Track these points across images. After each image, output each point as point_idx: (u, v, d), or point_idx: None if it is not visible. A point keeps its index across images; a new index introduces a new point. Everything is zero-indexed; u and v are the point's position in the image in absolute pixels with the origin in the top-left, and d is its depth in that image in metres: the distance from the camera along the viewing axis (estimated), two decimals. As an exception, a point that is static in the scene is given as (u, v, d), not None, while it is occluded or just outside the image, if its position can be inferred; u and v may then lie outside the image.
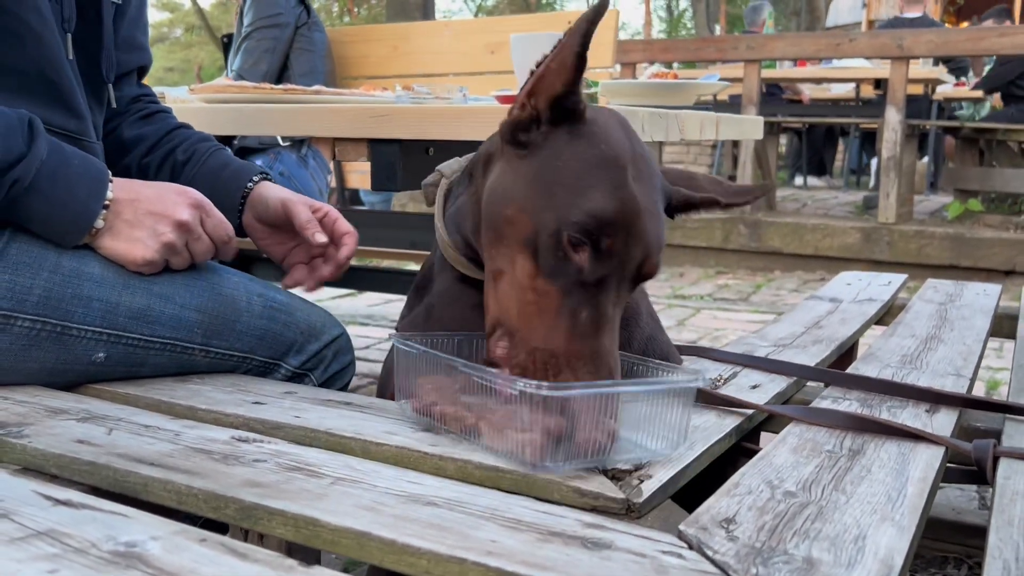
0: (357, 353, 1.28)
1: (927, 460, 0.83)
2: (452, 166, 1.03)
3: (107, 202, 1.02)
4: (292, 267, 1.24)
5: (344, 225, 1.22)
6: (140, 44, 1.35)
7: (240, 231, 1.22)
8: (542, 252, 0.82)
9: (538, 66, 0.84)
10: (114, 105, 1.25)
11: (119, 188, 1.04)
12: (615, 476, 0.77)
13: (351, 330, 1.44)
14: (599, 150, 0.84)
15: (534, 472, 0.75)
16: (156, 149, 1.30)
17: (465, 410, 0.83)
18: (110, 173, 1.04)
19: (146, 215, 1.04)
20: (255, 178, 1.24)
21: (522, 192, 0.85)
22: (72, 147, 1.04)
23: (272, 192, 1.22)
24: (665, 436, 0.82)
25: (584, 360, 0.80)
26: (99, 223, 1.02)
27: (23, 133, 0.97)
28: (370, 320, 3.59)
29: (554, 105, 0.84)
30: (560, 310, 0.81)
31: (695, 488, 0.84)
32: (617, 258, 0.81)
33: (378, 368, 1.15)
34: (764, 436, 1.05)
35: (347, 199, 3.09)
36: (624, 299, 0.85)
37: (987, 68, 7.50)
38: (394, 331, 0.93)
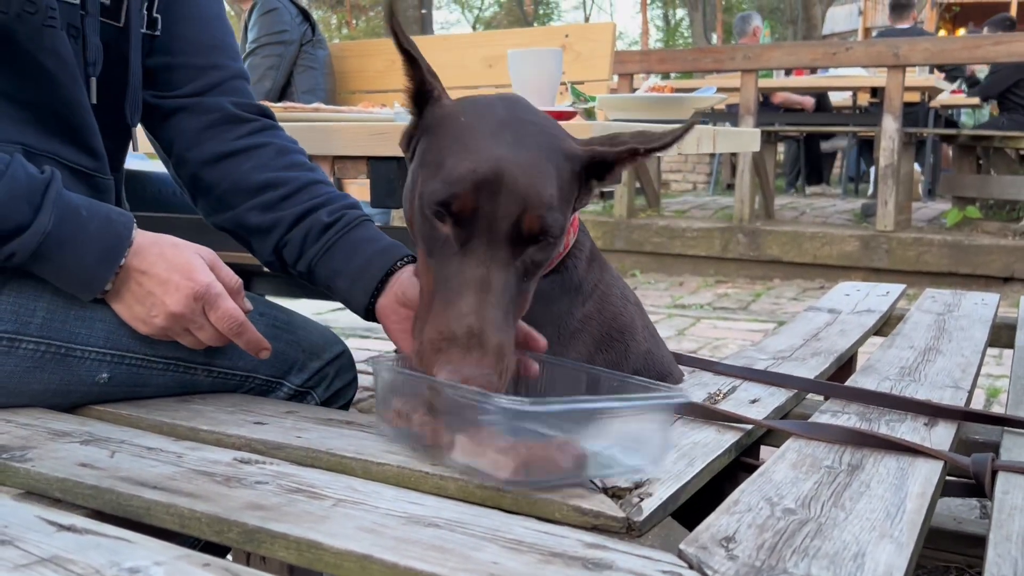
0: (357, 366, 1.28)
1: (926, 475, 0.84)
2: None
3: (119, 269, 0.99)
4: None
5: None
6: (230, 47, 1.25)
7: (369, 314, 1.10)
8: (419, 234, 0.86)
9: None
10: (136, 149, 1.21)
11: (135, 254, 1.00)
12: (615, 494, 0.77)
13: (351, 343, 1.44)
14: (459, 123, 0.86)
15: (506, 491, 0.75)
16: (293, 201, 1.16)
17: (436, 426, 0.83)
18: (132, 233, 1.00)
19: (147, 294, 1.00)
20: (406, 258, 1.10)
21: (407, 191, 0.90)
22: (95, 208, 1.00)
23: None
24: (646, 452, 0.82)
25: (446, 332, 0.79)
26: (108, 286, 1.00)
27: (31, 202, 0.94)
28: (371, 332, 3.60)
29: (414, 100, 0.91)
30: (436, 285, 0.83)
31: (694, 504, 0.85)
32: (482, 218, 0.81)
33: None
34: (764, 450, 1.06)
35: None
36: (507, 260, 0.82)
37: (980, 73, 7.53)
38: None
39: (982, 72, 7.28)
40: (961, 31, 12.73)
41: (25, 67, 1.02)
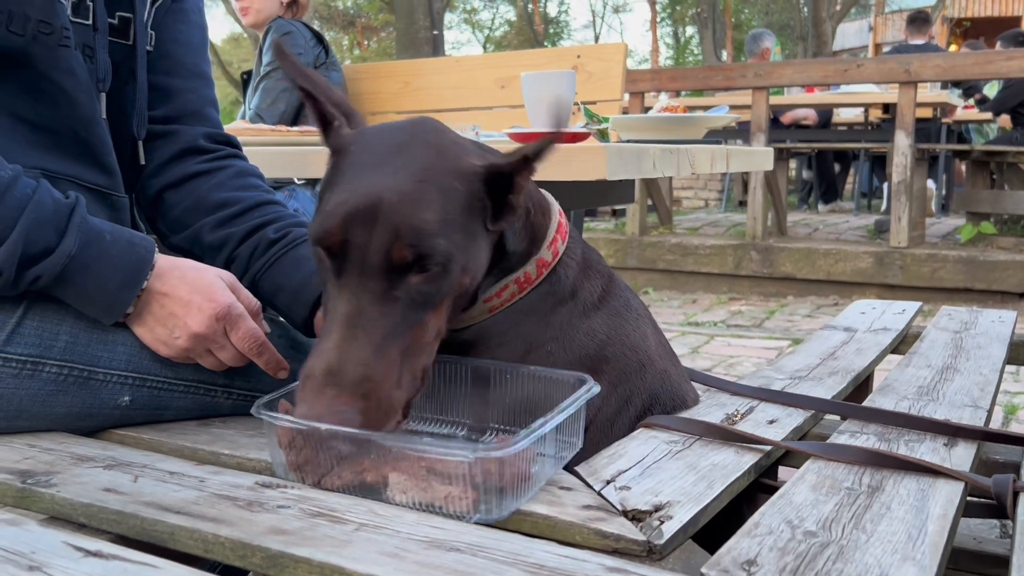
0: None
1: (947, 496, 0.84)
2: None
3: (140, 292, 1.01)
4: None
5: None
6: (204, 73, 1.30)
7: (308, 329, 1.14)
8: (319, 273, 0.87)
9: None
10: (142, 162, 1.23)
11: (157, 277, 1.01)
12: (636, 517, 0.77)
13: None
14: (347, 154, 0.87)
15: (473, 522, 0.76)
16: (245, 219, 1.20)
17: (357, 466, 0.82)
18: (154, 257, 1.02)
19: (169, 316, 1.02)
20: None
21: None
22: (118, 232, 1.01)
23: None
24: (570, 442, 0.87)
25: (306, 370, 0.80)
26: (130, 309, 1.01)
27: (57, 226, 0.96)
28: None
29: (323, 134, 0.92)
30: (324, 315, 0.84)
31: (714, 526, 0.85)
32: (353, 251, 0.81)
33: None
34: (783, 471, 1.06)
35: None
36: (382, 291, 0.81)
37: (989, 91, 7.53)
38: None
39: (991, 90, 7.27)
40: (957, 46, 12.71)
41: (43, 88, 1.05)
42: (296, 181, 2.74)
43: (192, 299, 1.01)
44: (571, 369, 0.96)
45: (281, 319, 1.22)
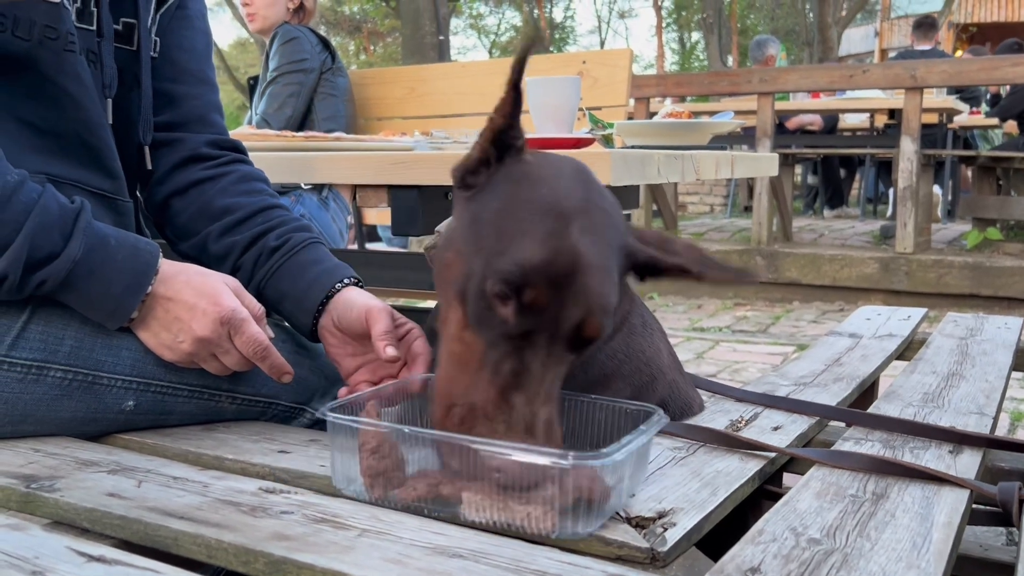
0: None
1: (952, 504, 0.83)
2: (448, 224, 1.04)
3: (145, 297, 1.01)
4: (354, 386, 1.10)
5: (421, 345, 1.07)
6: (209, 79, 1.29)
7: (313, 335, 1.14)
8: (470, 300, 0.80)
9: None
10: (149, 167, 1.23)
11: (161, 282, 1.01)
12: (639, 524, 0.77)
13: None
14: (539, 194, 0.81)
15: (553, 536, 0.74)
16: (247, 225, 1.19)
17: (431, 479, 0.78)
18: (158, 262, 1.02)
19: (174, 320, 1.02)
20: (345, 280, 1.14)
21: (460, 235, 0.85)
22: (123, 237, 1.02)
23: (358, 298, 1.10)
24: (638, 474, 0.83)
25: (499, 413, 0.76)
26: (134, 314, 1.01)
27: (63, 230, 0.96)
28: (389, 358, 3.60)
29: (496, 139, 0.83)
30: (481, 364, 0.78)
31: (718, 533, 0.84)
32: (548, 314, 0.77)
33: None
34: (787, 477, 1.05)
35: (364, 235, 3.12)
36: (561, 362, 0.80)
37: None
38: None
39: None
40: (963, 51, 12.69)
41: (48, 92, 1.05)
42: (303, 186, 2.75)
43: (197, 303, 1.01)
44: (589, 386, 0.95)
45: (285, 324, 1.22)
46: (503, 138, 0.84)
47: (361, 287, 1.16)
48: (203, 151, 1.25)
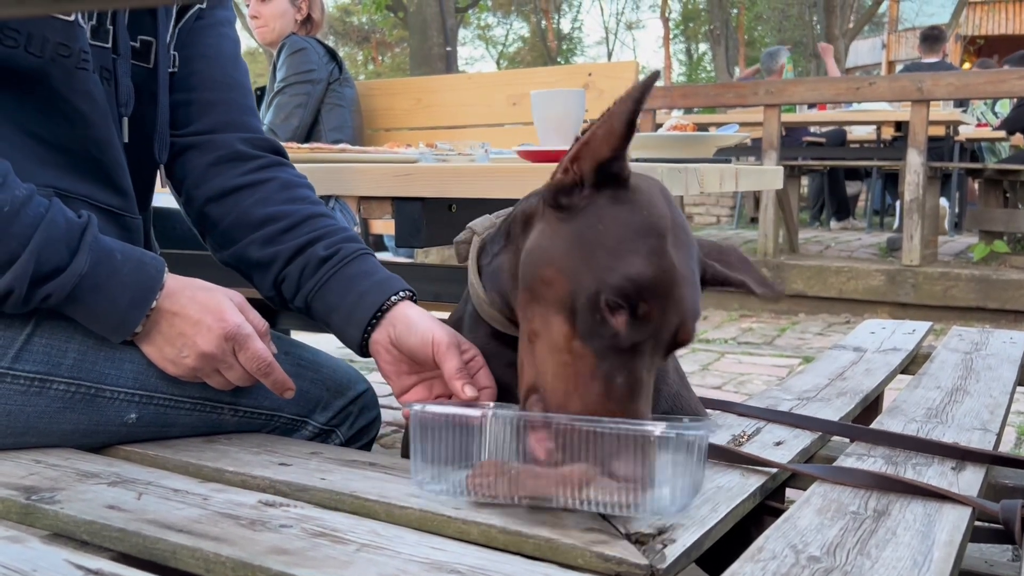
0: (379, 400, 1.29)
1: (954, 522, 0.83)
2: (483, 223, 1.04)
3: (149, 311, 1.01)
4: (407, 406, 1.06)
5: (486, 376, 1.02)
6: (240, 83, 1.26)
7: (363, 349, 1.10)
8: (580, 314, 0.82)
9: (584, 132, 0.85)
10: (164, 187, 1.22)
11: (166, 296, 1.01)
12: (638, 540, 0.77)
13: (373, 377, 1.45)
14: (641, 216, 0.84)
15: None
16: (292, 235, 1.15)
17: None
18: (164, 277, 1.02)
19: (178, 335, 1.02)
20: (401, 293, 1.10)
21: (561, 253, 0.86)
22: (128, 252, 1.02)
23: (419, 320, 1.05)
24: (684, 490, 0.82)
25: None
26: (138, 328, 1.02)
27: (69, 245, 0.96)
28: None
29: (599, 170, 0.84)
30: (595, 374, 0.82)
31: (718, 548, 0.84)
32: (654, 324, 0.81)
33: (400, 415, 1.12)
34: (789, 491, 1.05)
35: (371, 245, 3.13)
36: (657, 365, 0.86)
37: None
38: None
39: (1002, 108, 7.25)
40: (971, 64, 12.69)
41: (59, 109, 1.05)
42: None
43: (202, 319, 1.01)
44: None
45: (287, 338, 1.22)
46: (608, 169, 0.85)
47: (415, 300, 1.12)
48: (239, 149, 1.21)
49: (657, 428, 0.78)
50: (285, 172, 1.23)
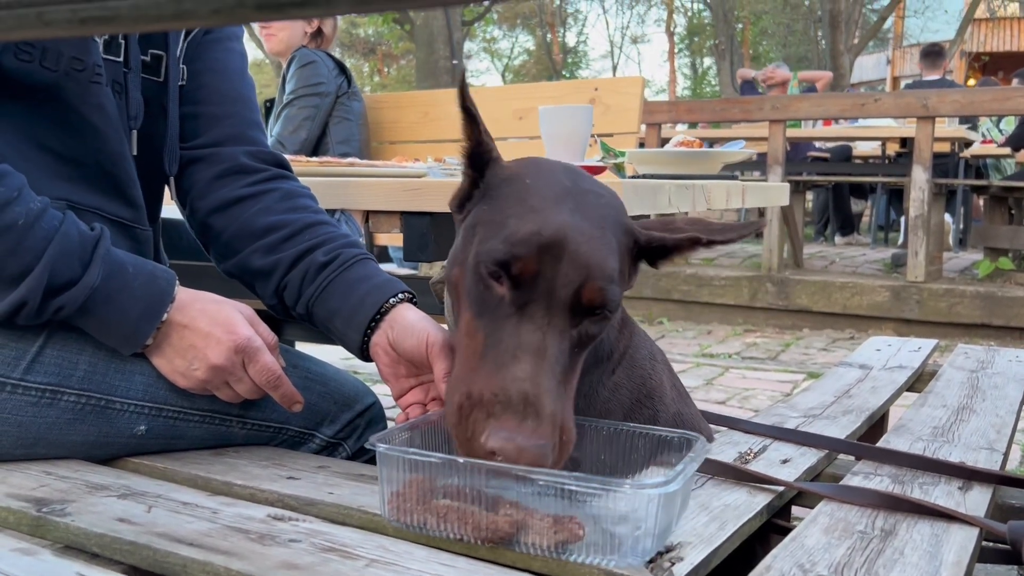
0: (387, 413, 1.29)
1: (961, 542, 0.83)
2: None
3: (160, 323, 1.02)
4: (406, 407, 1.07)
5: None
6: (245, 96, 1.27)
7: (363, 352, 1.10)
8: (471, 295, 0.83)
9: None
10: (173, 197, 1.24)
11: (177, 309, 1.02)
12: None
13: (379, 388, 1.45)
14: (522, 185, 0.85)
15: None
16: (293, 243, 1.16)
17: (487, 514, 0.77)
18: (175, 290, 1.03)
19: (189, 347, 1.02)
20: (399, 295, 1.10)
21: (458, 249, 0.89)
22: (140, 265, 1.03)
23: (417, 322, 1.06)
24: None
25: (497, 391, 0.75)
26: (149, 341, 1.02)
27: (82, 257, 0.97)
28: (398, 380, 3.60)
29: (470, 160, 0.90)
30: (485, 348, 0.80)
31: (726, 567, 0.84)
32: (542, 283, 0.78)
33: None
34: (795, 510, 1.05)
35: (376, 256, 3.14)
36: (565, 334, 0.80)
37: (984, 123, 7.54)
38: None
39: (1008, 126, 7.26)
40: (976, 80, 12.71)
41: (72, 122, 1.06)
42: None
43: (212, 331, 1.02)
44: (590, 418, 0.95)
45: (295, 351, 1.23)
46: (477, 156, 0.90)
47: (414, 303, 1.13)
48: (242, 162, 1.22)
49: (575, 484, 0.72)
50: (287, 183, 1.25)
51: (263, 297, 1.20)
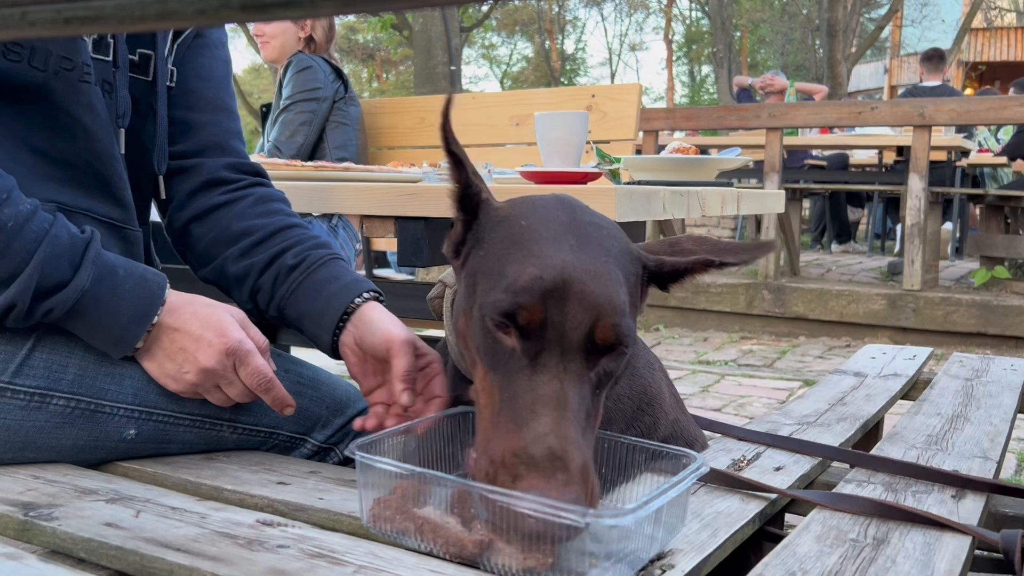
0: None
1: (953, 551, 0.83)
2: (453, 276, 1.02)
3: (151, 326, 1.01)
4: (372, 405, 1.10)
5: (439, 386, 1.05)
6: (227, 106, 1.29)
7: (335, 352, 1.13)
8: (480, 348, 0.79)
9: None
10: (163, 196, 1.24)
11: (168, 312, 1.02)
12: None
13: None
14: (518, 228, 0.81)
15: None
16: (265, 247, 1.19)
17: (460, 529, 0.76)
18: (166, 292, 1.03)
19: (179, 350, 1.02)
20: (364, 295, 1.13)
21: (461, 299, 0.85)
22: (131, 267, 1.02)
23: (380, 321, 1.09)
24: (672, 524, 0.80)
25: (523, 456, 0.71)
26: (139, 344, 1.02)
27: (72, 260, 0.97)
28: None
29: (460, 203, 0.86)
30: (502, 403, 0.76)
31: (716, 573, 0.84)
32: (552, 329, 0.75)
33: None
34: (788, 517, 1.05)
35: (373, 262, 3.13)
36: (583, 378, 0.77)
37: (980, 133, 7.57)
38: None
39: (1006, 135, 7.27)
40: (973, 90, 12.76)
41: (62, 122, 1.06)
42: (313, 213, 2.76)
43: (203, 334, 1.02)
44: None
45: (287, 355, 1.22)
46: (465, 199, 0.86)
47: (381, 301, 1.14)
48: (222, 175, 1.24)
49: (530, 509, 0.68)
50: (262, 188, 1.27)
51: (239, 302, 1.21)
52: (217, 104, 1.27)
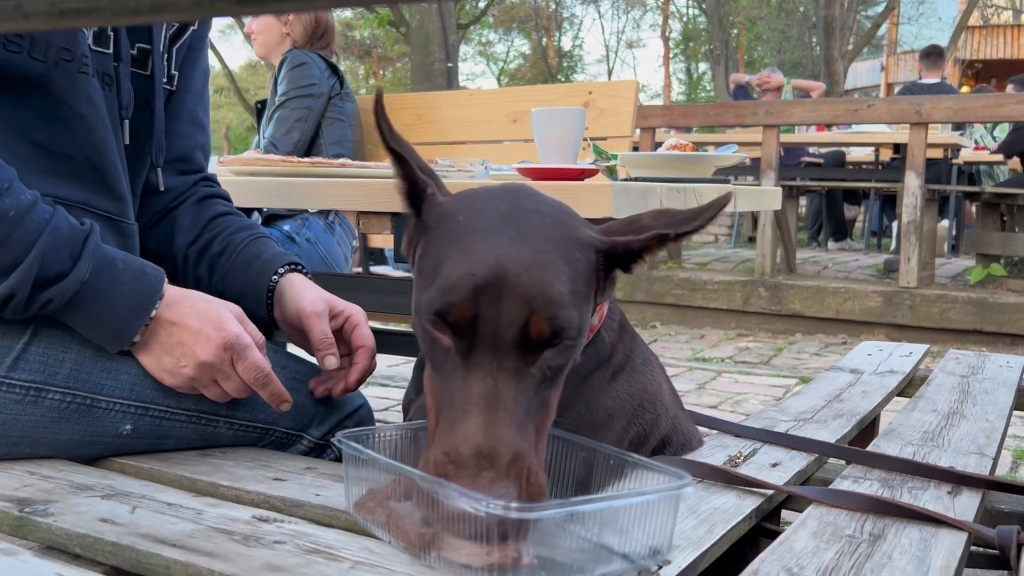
0: (377, 414, 1.29)
1: (949, 547, 0.83)
2: None
3: (149, 320, 1.01)
4: (316, 382, 1.16)
5: (361, 335, 1.09)
6: (201, 121, 1.33)
7: (273, 323, 1.18)
8: (423, 349, 0.79)
9: None
10: (162, 188, 1.26)
11: (166, 306, 1.02)
12: (633, 561, 0.76)
13: (370, 391, 1.45)
14: (455, 223, 0.79)
15: None
16: (199, 239, 1.26)
17: (418, 524, 0.75)
18: (164, 286, 1.03)
19: (177, 344, 1.02)
20: (280, 270, 1.18)
21: (413, 303, 0.84)
22: (130, 261, 1.03)
23: (291, 295, 1.15)
24: (647, 544, 0.75)
25: (452, 456, 0.71)
26: (136, 337, 1.02)
27: (72, 251, 0.97)
28: (390, 381, 3.60)
29: (408, 200, 0.85)
30: (443, 403, 0.76)
31: (714, 570, 0.84)
32: (484, 326, 0.73)
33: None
34: (785, 513, 1.05)
35: (370, 259, 3.13)
36: (522, 374, 0.75)
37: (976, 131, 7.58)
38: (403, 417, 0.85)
39: (1001, 133, 7.29)
40: (969, 88, 12.78)
41: (60, 114, 1.06)
42: (309, 210, 2.76)
43: (201, 328, 1.02)
44: (594, 427, 0.94)
45: (284, 352, 1.22)
46: (413, 196, 0.84)
47: (301, 270, 1.20)
48: (174, 182, 1.30)
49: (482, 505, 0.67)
50: (204, 188, 1.33)
51: None
52: (192, 118, 1.31)
